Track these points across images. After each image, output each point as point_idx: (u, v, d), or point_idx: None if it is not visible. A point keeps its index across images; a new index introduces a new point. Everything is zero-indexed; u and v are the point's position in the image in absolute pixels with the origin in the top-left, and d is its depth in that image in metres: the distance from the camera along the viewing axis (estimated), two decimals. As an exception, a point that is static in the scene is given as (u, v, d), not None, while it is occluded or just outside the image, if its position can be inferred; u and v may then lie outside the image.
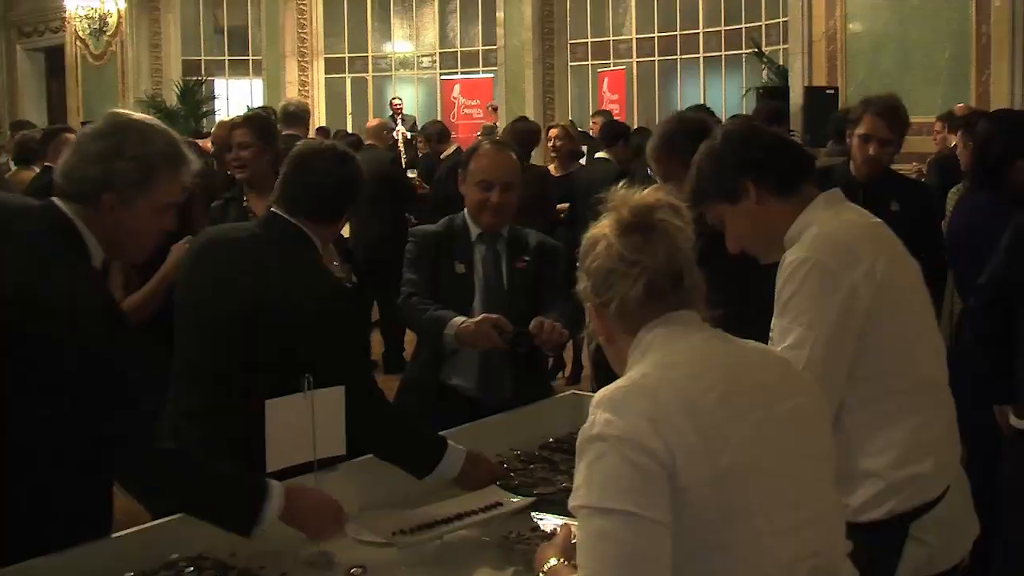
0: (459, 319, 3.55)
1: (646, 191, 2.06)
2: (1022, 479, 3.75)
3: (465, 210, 3.87)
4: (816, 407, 2.10)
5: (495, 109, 16.85)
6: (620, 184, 2.11)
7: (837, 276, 2.57)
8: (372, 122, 10.25)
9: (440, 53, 18.85)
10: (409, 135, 15.38)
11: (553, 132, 8.85)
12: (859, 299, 2.57)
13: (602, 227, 2.04)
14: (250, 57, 19.39)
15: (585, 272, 2.06)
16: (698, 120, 3.96)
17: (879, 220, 2.82)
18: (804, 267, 2.59)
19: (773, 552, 1.88)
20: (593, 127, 10.94)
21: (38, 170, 7.44)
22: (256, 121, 4.88)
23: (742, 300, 2.68)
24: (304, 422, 2.69)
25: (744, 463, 1.87)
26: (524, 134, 8.19)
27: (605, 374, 2.16)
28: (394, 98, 17.04)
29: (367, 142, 9.31)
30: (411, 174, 10.35)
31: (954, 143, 7.68)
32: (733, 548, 1.86)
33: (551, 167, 8.79)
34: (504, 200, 3.77)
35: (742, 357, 2.07)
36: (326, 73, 19.08)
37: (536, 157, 9.17)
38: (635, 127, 10.42)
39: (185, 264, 3.39)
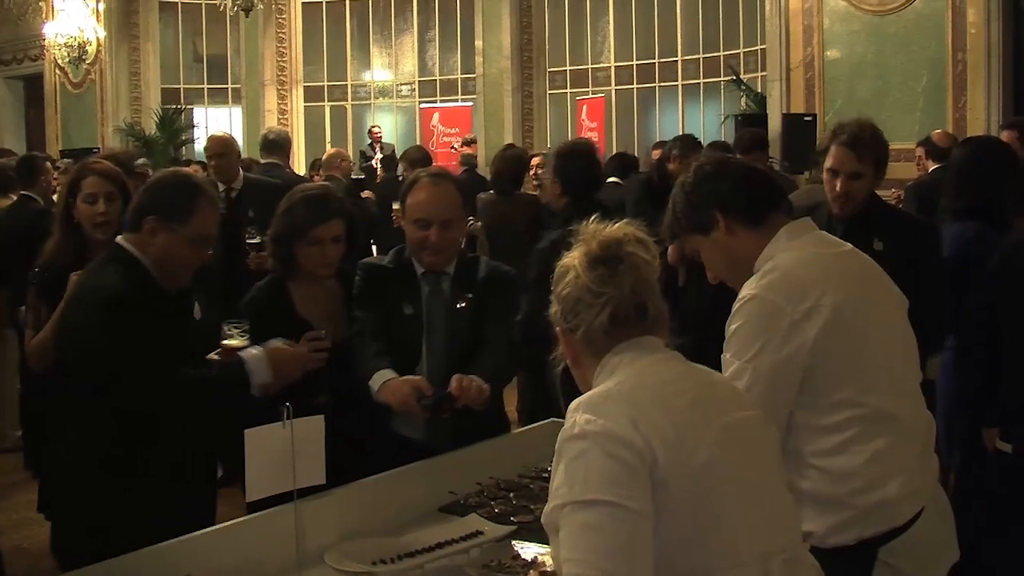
0: (386, 375, 3.35)
1: (615, 225, 2.18)
2: (1008, 502, 3.77)
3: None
4: (763, 421, 2.22)
5: (467, 143, 15.97)
6: (592, 217, 2.22)
7: (778, 313, 2.61)
8: (328, 152, 10.18)
9: (419, 81, 18.86)
10: (388, 163, 15.31)
11: (536, 161, 8.84)
12: (800, 335, 2.59)
13: (573, 258, 2.16)
14: (229, 85, 19.38)
15: (556, 298, 2.18)
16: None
17: (848, 250, 2.83)
18: (750, 304, 2.64)
19: (749, 546, 1.96)
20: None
21: (15, 198, 7.38)
22: (113, 158, 5.35)
23: (708, 328, 2.72)
24: (284, 452, 2.67)
25: (720, 459, 1.96)
26: (514, 160, 8.18)
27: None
28: (373, 126, 17.02)
29: (326, 174, 9.26)
30: (395, 206, 10.25)
31: (932, 168, 7.75)
32: (712, 542, 1.93)
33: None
34: (443, 239, 3.55)
35: (699, 375, 2.19)
36: (305, 101, 19.08)
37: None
38: (613, 154, 10.49)
39: None
